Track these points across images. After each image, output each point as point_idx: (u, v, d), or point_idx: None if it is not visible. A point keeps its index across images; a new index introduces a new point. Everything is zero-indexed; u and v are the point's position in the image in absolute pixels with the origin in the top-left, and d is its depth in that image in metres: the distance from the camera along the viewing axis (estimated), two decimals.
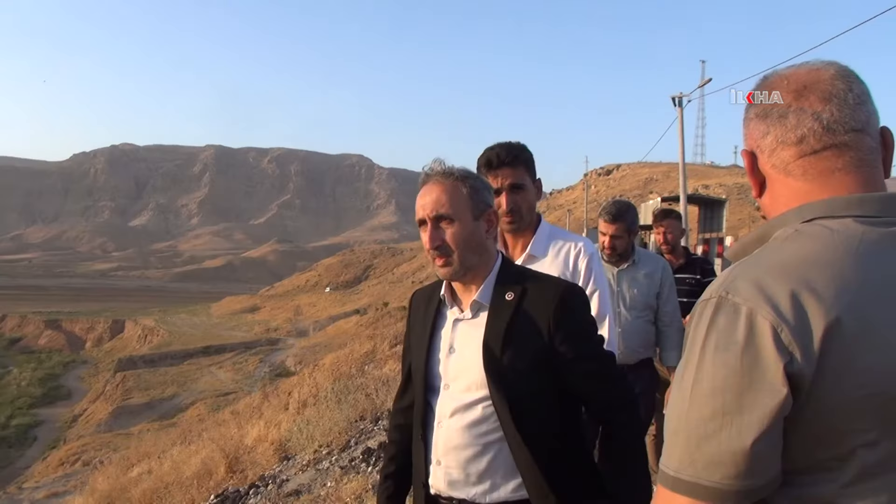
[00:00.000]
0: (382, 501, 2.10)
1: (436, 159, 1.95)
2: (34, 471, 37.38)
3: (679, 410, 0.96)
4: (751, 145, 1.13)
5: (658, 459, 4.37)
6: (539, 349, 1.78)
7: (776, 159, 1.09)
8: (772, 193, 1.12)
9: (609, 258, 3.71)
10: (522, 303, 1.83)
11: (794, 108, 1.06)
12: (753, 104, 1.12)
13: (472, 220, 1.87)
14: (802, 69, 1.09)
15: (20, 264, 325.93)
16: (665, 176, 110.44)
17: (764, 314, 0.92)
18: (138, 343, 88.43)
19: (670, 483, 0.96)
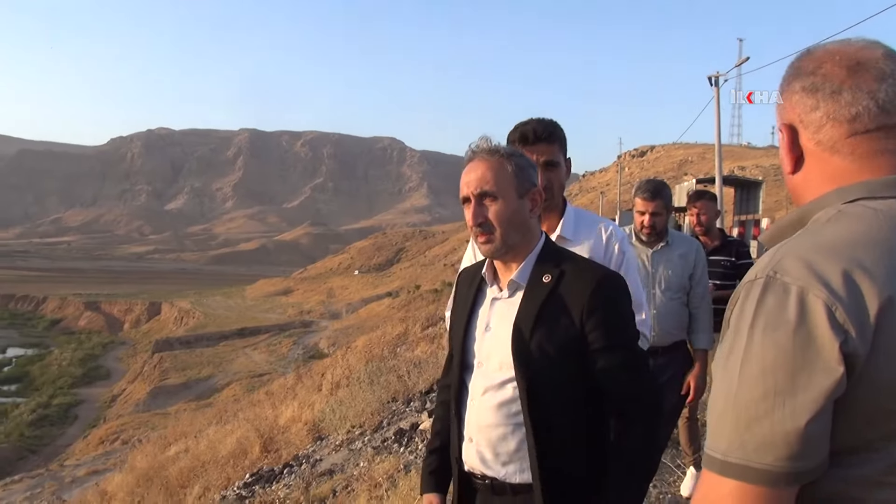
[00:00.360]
0: (425, 476, 2.10)
1: (482, 137, 1.94)
2: (75, 449, 38.18)
3: (726, 392, 0.94)
4: (792, 119, 1.09)
5: (691, 442, 4.32)
6: (569, 334, 1.75)
7: (823, 136, 1.06)
8: (807, 171, 1.09)
9: (647, 238, 3.65)
10: (559, 286, 1.80)
11: (848, 85, 1.03)
12: (799, 76, 1.08)
13: (517, 198, 1.85)
14: (851, 46, 1.06)
15: (60, 247, 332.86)
16: (700, 157, 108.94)
17: (816, 293, 0.90)
18: (175, 325, 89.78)
19: (718, 466, 0.93)
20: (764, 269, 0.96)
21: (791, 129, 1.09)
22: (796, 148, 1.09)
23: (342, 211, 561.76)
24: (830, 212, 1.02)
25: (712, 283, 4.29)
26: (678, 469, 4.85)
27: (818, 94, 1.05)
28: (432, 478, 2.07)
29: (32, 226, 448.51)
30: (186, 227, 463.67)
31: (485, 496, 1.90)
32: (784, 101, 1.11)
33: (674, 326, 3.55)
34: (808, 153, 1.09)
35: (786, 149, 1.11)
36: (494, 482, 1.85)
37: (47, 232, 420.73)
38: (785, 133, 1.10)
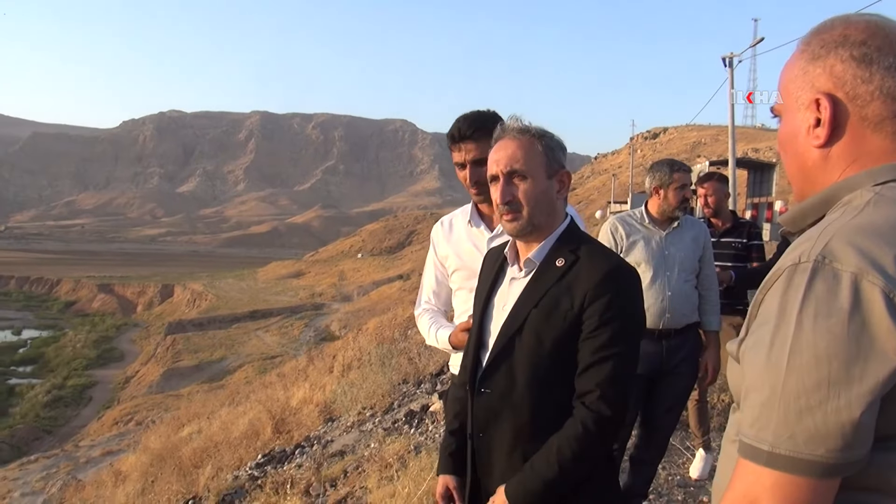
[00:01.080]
0: (444, 458, 2.10)
1: (512, 116, 1.95)
2: (90, 429, 38.53)
3: (772, 382, 0.90)
4: (833, 89, 1.02)
5: (700, 424, 4.32)
6: (569, 319, 1.74)
7: (871, 111, 1.00)
8: (841, 147, 1.04)
9: (683, 213, 3.62)
10: (570, 270, 1.79)
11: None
12: (846, 44, 1.01)
13: (546, 178, 1.86)
14: (875, 20, 1.02)
15: (73, 230, 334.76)
16: (713, 139, 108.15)
17: (872, 279, 0.87)
18: (187, 307, 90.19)
19: (764, 458, 0.90)
20: (809, 254, 0.92)
21: (833, 99, 1.02)
22: (839, 119, 1.03)
23: (353, 193, 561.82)
24: (866, 195, 0.98)
25: (722, 264, 4.27)
26: (687, 451, 4.86)
27: (873, 66, 0.99)
28: (451, 460, 2.07)
29: (46, 209, 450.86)
30: (198, 209, 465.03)
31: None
32: (820, 69, 1.03)
33: (687, 308, 3.53)
34: (849, 127, 1.03)
35: (829, 120, 1.03)
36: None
37: (61, 214, 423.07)
38: (828, 102, 1.02)
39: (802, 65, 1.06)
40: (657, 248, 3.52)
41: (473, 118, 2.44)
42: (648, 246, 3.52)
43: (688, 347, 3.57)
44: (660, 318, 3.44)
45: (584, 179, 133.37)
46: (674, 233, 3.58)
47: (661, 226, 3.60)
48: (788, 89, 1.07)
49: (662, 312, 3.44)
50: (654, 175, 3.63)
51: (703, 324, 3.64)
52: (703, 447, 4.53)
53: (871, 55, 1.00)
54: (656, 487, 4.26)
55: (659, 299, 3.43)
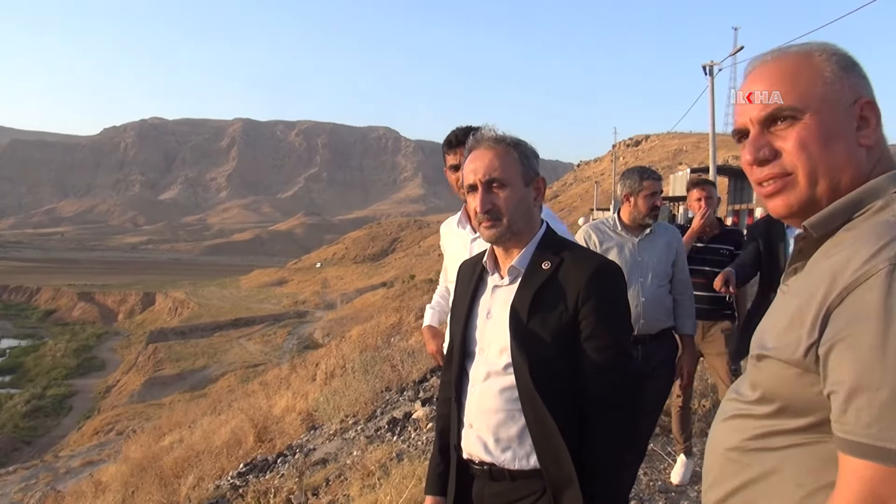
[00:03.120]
0: (433, 478, 2.08)
1: (486, 125, 1.98)
2: (70, 439, 38.17)
3: (892, 381, 0.89)
4: (869, 96, 1.10)
5: (682, 430, 4.35)
6: (564, 319, 1.77)
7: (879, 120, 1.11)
8: (871, 149, 1.10)
9: (654, 220, 3.64)
10: (557, 272, 1.82)
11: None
12: (858, 66, 1.12)
13: (523, 185, 1.89)
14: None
15: (54, 238, 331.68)
16: (695, 147, 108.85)
17: None
18: (169, 315, 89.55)
19: (894, 458, 0.89)
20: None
21: (874, 104, 1.10)
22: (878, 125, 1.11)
23: (336, 201, 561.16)
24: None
25: (711, 269, 4.28)
26: (668, 456, 4.88)
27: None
28: (440, 480, 2.05)
29: (26, 216, 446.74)
30: (180, 217, 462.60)
31: (482, 483, 1.91)
32: (855, 77, 1.10)
33: (661, 314, 3.57)
34: (877, 139, 1.10)
35: (875, 126, 1.09)
36: (493, 468, 1.85)
37: (41, 222, 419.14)
38: (872, 111, 1.09)
39: (836, 70, 1.09)
40: (630, 255, 3.55)
41: (468, 128, 2.65)
42: (622, 253, 3.55)
43: (663, 352, 3.60)
44: (634, 324, 3.46)
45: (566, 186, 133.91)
46: (646, 239, 3.62)
47: (633, 232, 3.63)
48: (823, 91, 1.08)
49: (637, 318, 3.46)
50: (624, 183, 3.67)
51: (677, 328, 3.68)
52: (684, 453, 4.55)
53: (865, 76, 1.11)
54: (637, 493, 4.28)
55: (633, 305, 3.45)
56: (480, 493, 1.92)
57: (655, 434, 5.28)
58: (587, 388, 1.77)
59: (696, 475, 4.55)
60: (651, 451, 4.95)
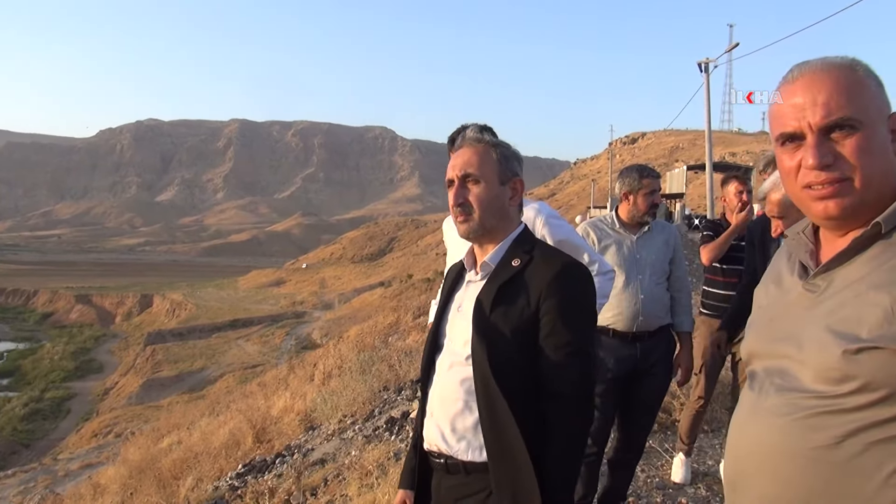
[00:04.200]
0: (406, 472, 2.11)
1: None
2: (68, 442, 38.13)
3: None
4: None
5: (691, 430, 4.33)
6: (525, 315, 1.80)
7: None
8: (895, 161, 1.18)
9: (653, 217, 3.62)
10: (525, 270, 1.85)
11: None
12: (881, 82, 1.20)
13: (498, 184, 1.94)
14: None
15: (50, 240, 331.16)
16: (691, 144, 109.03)
17: None
18: (167, 317, 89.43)
19: None
20: None
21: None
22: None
23: (334, 201, 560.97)
24: None
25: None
26: (666, 453, 4.88)
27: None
28: (412, 475, 2.07)
29: (22, 219, 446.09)
30: (177, 218, 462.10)
31: (440, 476, 1.93)
32: (885, 94, 1.20)
33: (660, 311, 3.57)
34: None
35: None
36: (449, 461, 1.87)
37: (37, 225, 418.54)
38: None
39: (875, 86, 1.18)
40: (629, 253, 3.56)
41: (477, 128, 2.63)
42: (620, 250, 3.55)
43: (662, 349, 3.60)
44: (633, 321, 3.47)
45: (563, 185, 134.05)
46: (644, 237, 3.62)
47: (631, 230, 3.63)
48: (873, 104, 1.16)
49: (636, 315, 3.47)
50: (623, 181, 3.66)
51: (675, 325, 3.67)
52: (685, 452, 4.54)
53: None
54: (635, 490, 4.28)
55: (632, 303, 3.47)
56: (438, 487, 1.94)
57: (653, 431, 5.28)
58: (545, 385, 1.78)
59: (697, 473, 4.56)
60: (649, 447, 4.95)
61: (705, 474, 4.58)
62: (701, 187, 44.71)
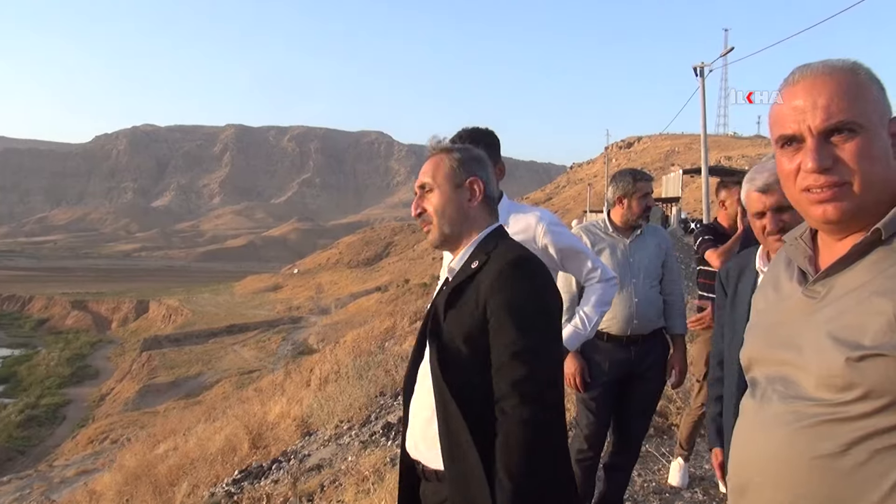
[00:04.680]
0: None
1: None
2: (64, 449, 38.00)
3: None
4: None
5: (690, 436, 4.32)
6: (475, 317, 1.76)
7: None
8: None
9: (646, 222, 3.65)
10: (481, 271, 1.81)
11: None
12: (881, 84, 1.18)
13: (453, 189, 1.93)
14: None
15: (46, 246, 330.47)
16: (687, 148, 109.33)
17: None
18: (163, 323, 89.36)
19: None
20: None
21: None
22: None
23: (330, 206, 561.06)
24: None
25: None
26: (663, 458, 4.88)
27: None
28: (399, 482, 2.08)
29: (18, 225, 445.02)
30: (173, 224, 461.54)
31: (423, 483, 1.93)
32: (887, 99, 1.18)
33: (653, 314, 3.59)
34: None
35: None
36: (425, 468, 1.87)
37: (33, 231, 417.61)
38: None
39: (877, 90, 1.17)
40: (622, 256, 3.56)
41: (474, 129, 2.60)
42: (614, 254, 3.56)
43: (656, 352, 3.62)
44: (628, 324, 3.47)
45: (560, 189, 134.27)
46: (637, 240, 3.64)
47: (624, 234, 3.64)
48: (875, 108, 1.14)
49: (630, 319, 3.48)
50: (617, 185, 3.65)
51: (668, 328, 3.69)
52: (683, 457, 4.53)
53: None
54: (632, 494, 4.28)
55: (627, 306, 3.47)
56: (424, 493, 1.93)
57: (650, 435, 5.28)
58: (494, 388, 1.71)
59: (693, 477, 4.56)
60: (646, 452, 4.95)
61: (702, 479, 4.57)
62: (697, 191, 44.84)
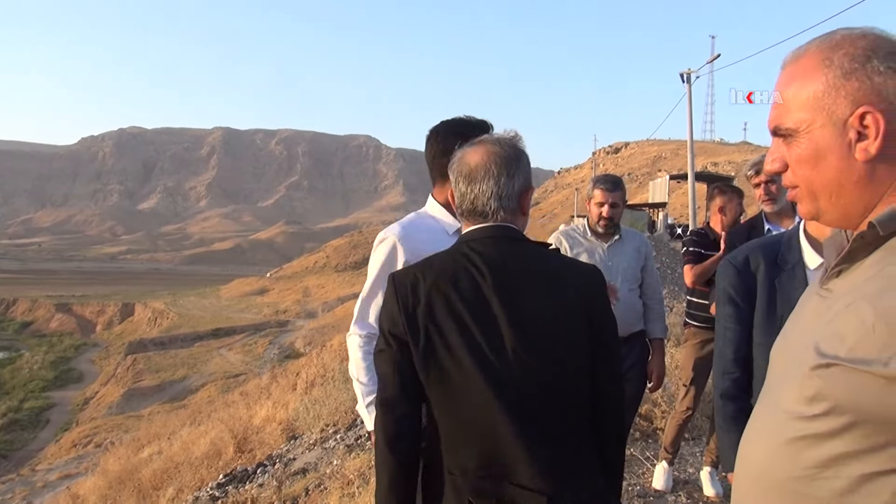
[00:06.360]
0: None
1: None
2: (47, 453, 37.67)
3: None
4: (880, 101, 1.01)
5: (675, 440, 4.30)
6: None
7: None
8: (880, 160, 1.01)
9: (605, 229, 3.69)
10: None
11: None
12: (878, 54, 1.01)
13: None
14: (884, 32, 1.04)
15: (30, 248, 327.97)
16: (674, 153, 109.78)
17: None
18: (148, 326, 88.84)
19: None
20: None
21: (883, 111, 1.01)
22: (890, 131, 1.01)
23: (317, 209, 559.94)
24: None
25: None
26: (647, 461, 4.90)
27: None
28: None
29: (2, 227, 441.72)
30: (160, 226, 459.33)
31: None
32: (858, 82, 1.01)
33: (632, 318, 3.63)
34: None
35: (882, 132, 1.00)
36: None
37: (17, 233, 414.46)
38: (880, 116, 1.00)
39: (832, 80, 1.03)
40: (600, 260, 3.60)
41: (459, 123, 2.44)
42: (592, 258, 3.61)
43: (634, 355, 3.66)
44: None
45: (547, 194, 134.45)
46: (616, 245, 3.70)
47: (602, 238, 3.70)
48: (813, 106, 1.04)
49: None
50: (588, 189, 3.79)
51: (648, 332, 3.73)
52: (667, 461, 4.55)
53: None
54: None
55: None
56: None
57: (634, 438, 5.31)
58: None
59: (677, 481, 4.58)
60: (630, 455, 4.97)
61: (686, 482, 4.60)
62: (683, 196, 45.07)
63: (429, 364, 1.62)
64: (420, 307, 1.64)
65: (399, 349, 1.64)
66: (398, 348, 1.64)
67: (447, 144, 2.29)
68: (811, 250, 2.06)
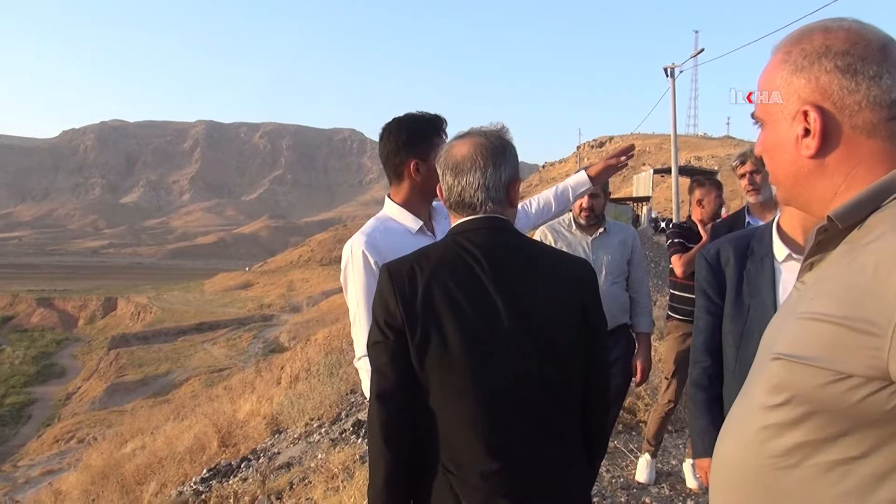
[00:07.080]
0: None
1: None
2: (29, 448, 37.43)
3: None
4: (823, 100, 1.02)
5: (657, 433, 4.33)
6: None
7: (859, 119, 1.00)
8: (847, 154, 1.01)
9: (586, 221, 3.70)
10: None
11: (885, 69, 0.99)
12: (829, 54, 1.01)
13: None
14: (864, 28, 1.03)
15: (10, 242, 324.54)
16: (657, 148, 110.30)
17: None
18: (131, 320, 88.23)
19: None
20: None
21: (822, 110, 1.02)
22: (829, 130, 1.02)
23: (302, 203, 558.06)
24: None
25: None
26: (630, 454, 4.93)
27: (858, 77, 1.00)
28: None
29: None
30: (142, 220, 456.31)
31: None
32: (804, 80, 1.03)
33: (617, 310, 3.64)
34: (842, 136, 1.02)
35: (820, 132, 1.02)
36: None
37: None
38: (817, 114, 1.01)
39: (786, 76, 1.05)
40: (584, 254, 3.62)
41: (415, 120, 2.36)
42: (575, 251, 3.61)
43: (620, 348, 3.67)
44: None
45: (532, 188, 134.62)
46: (601, 238, 3.70)
47: (587, 231, 3.70)
48: (773, 98, 1.07)
49: None
50: None
51: (634, 325, 3.74)
52: (650, 454, 4.57)
53: (855, 65, 1.00)
54: (600, 490, 4.32)
55: None
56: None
57: (618, 431, 5.34)
58: None
59: (660, 473, 4.61)
60: (614, 448, 5.00)
61: (669, 474, 4.63)
62: (667, 190, 45.26)
63: (426, 355, 1.59)
64: (418, 298, 1.62)
65: (396, 340, 1.61)
66: (395, 339, 1.62)
67: (400, 142, 2.26)
68: (780, 243, 2.12)
